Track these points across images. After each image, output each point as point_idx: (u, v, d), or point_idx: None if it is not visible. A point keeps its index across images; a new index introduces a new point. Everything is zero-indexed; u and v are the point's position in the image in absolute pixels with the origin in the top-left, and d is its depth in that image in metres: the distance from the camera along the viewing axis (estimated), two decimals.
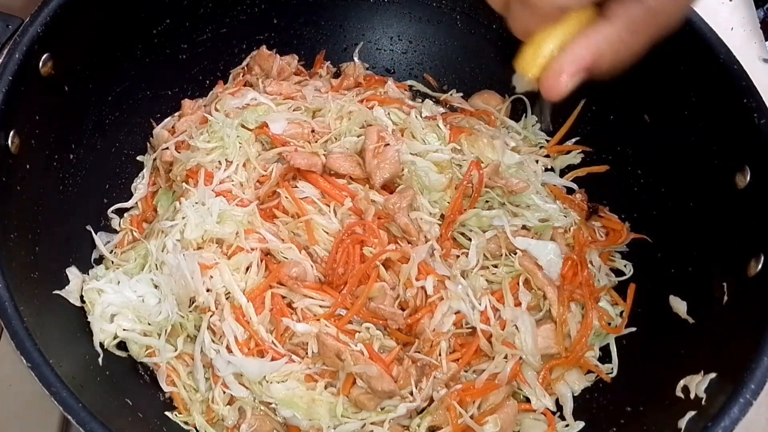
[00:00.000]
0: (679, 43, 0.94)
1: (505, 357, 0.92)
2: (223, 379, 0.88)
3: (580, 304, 0.98)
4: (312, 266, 0.94)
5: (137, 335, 0.91)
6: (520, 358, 0.92)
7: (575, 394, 0.96)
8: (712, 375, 0.79)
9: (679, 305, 0.93)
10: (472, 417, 0.88)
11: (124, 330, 0.91)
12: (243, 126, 1.03)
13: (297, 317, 0.91)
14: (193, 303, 0.92)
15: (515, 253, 0.98)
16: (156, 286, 0.94)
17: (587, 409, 0.95)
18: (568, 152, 1.14)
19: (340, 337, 0.89)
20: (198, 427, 0.90)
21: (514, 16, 0.64)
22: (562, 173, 1.14)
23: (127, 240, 1.02)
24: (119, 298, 0.92)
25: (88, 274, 0.95)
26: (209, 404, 0.89)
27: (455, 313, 0.93)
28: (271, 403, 0.88)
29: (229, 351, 0.88)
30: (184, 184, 1.00)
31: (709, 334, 0.87)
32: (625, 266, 1.05)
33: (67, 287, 0.90)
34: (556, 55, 0.63)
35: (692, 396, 0.80)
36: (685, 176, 0.97)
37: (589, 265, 1.02)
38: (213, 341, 0.89)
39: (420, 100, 1.19)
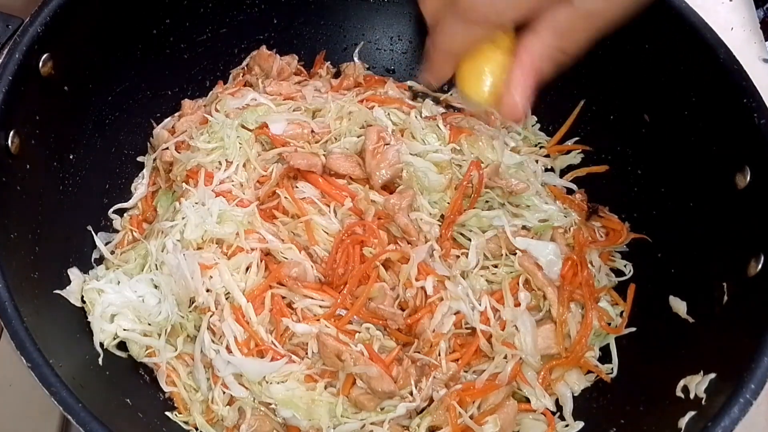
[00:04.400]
0: (679, 43, 0.94)
1: (505, 357, 0.92)
2: (222, 380, 0.88)
3: (580, 304, 0.98)
4: (312, 266, 0.94)
5: (137, 335, 0.91)
6: (520, 358, 0.92)
7: (575, 395, 0.96)
8: (712, 375, 0.79)
9: (679, 305, 0.93)
10: (471, 417, 0.88)
11: (124, 330, 0.91)
12: (243, 126, 1.03)
13: (297, 317, 0.91)
14: (192, 303, 0.92)
15: (515, 254, 0.98)
16: (156, 287, 0.94)
17: (587, 409, 0.95)
18: (568, 152, 1.14)
19: (340, 338, 0.89)
20: (198, 427, 0.90)
21: (443, 31, 0.64)
22: (562, 173, 1.14)
23: (127, 240, 1.02)
24: (119, 298, 0.92)
25: (88, 275, 0.95)
26: (209, 404, 0.89)
27: (455, 314, 0.93)
28: (270, 404, 0.88)
29: (229, 351, 0.88)
30: (184, 184, 1.00)
31: (709, 334, 0.87)
32: (625, 266, 1.05)
33: (68, 287, 0.90)
34: (499, 81, 0.64)
35: (692, 396, 0.80)
36: (685, 176, 0.97)
37: (589, 266, 1.02)
38: (213, 341, 0.89)
39: (420, 100, 1.19)
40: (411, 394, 0.88)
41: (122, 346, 0.93)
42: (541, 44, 0.60)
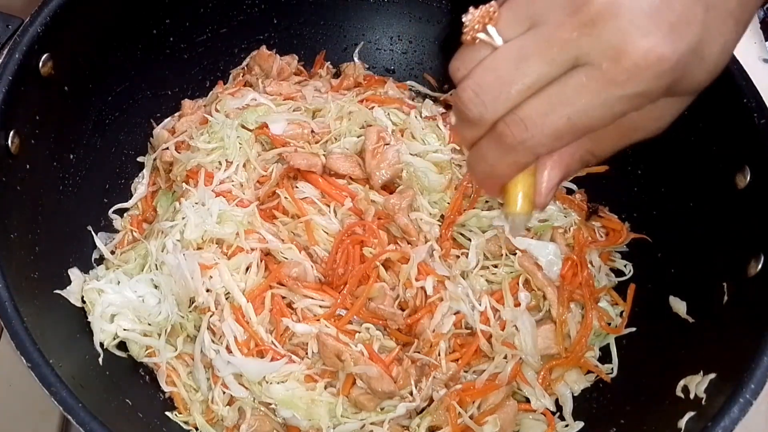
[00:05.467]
0: None
1: (505, 357, 0.92)
2: (222, 380, 0.88)
3: (580, 304, 0.98)
4: (312, 266, 0.94)
5: (137, 335, 0.91)
6: (520, 358, 0.92)
7: (575, 395, 0.96)
8: (712, 375, 0.79)
9: (679, 305, 0.93)
10: (471, 417, 0.88)
11: (124, 330, 0.91)
12: (243, 126, 1.03)
13: (297, 317, 0.91)
14: (192, 303, 0.92)
15: (515, 254, 0.98)
16: (156, 287, 0.94)
17: (587, 409, 0.95)
18: None
19: (340, 338, 0.89)
20: (198, 427, 0.90)
21: (483, 159, 0.57)
22: None
23: (127, 240, 1.02)
24: (119, 298, 0.92)
25: (88, 275, 0.95)
26: (209, 404, 0.89)
27: (455, 314, 0.93)
28: (270, 404, 0.88)
29: (229, 351, 0.87)
30: (184, 184, 1.00)
31: (709, 334, 0.87)
32: (625, 266, 1.05)
33: (68, 287, 0.90)
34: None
35: (692, 396, 0.80)
36: (685, 176, 0.97)
37: (589, 266, 1.02)
38: (213, 341, 0.89)
39: (420, 100, 1.19)
40: (411, 394, 0.88)
41: (122, 346, 0.93)
42: (576, 143, 0.56)
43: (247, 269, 0.93)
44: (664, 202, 1.01)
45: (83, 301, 0.91)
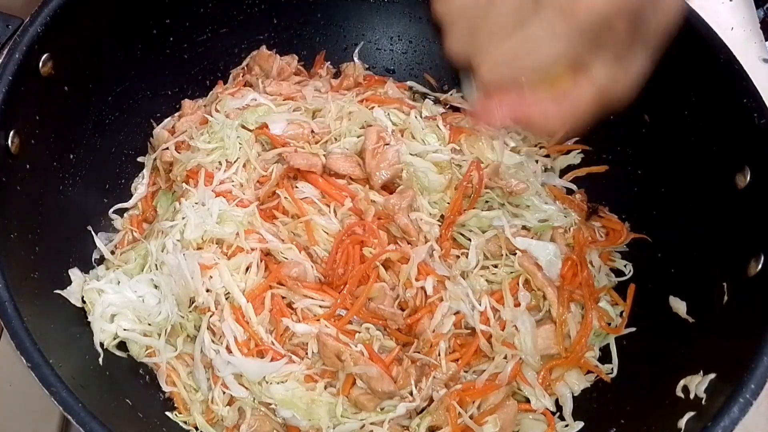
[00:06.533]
0: (679, 43, 0.94)
1: (505, 357, 0.92)
2: (222, 380, 0.88)
3: (580, 304, 0.98)
4: (312, 266, 0.94)
5: (137, 335, 0.91)
6: (520, 358, 0.92)
7: (575, 395, 0.96)
8: (712, 375, 0.79)
9: (679, 305, 0.93)
10: (471, 417, 0.88)
11: (124, 330, 0.91)
12: (243, 127, 1.03)
13: (297, 317, 0.91)
14: (192, 303, 0.92)
15: (515, 254, 0.98)
16: (156, 287, 0.94)
17: (587, 409, 0.95)
18: (568, 152, 1.14)
19: (340, 338, 0.89)
20: (198, 427, 0.90)
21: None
22: (562, 173, 1.14)
23: (127, 240, 1.02)
24: (119, 299, 0.92)
25: (88, 275, 0.95)
26: (209, 404, 0.89)
27: (455, 314, 0.93)
28: (270, 404, 0.88)
29: (229, 351, 0.88)
30: (184, 184, 1.00)
31: (709, 334, 0.87)
32: (625, 266, 1.05)
33: (68, 287, 0.90)
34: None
35: (692, 396, 0.80)
36: (685, 176, 0.97)
37: (589, 266, 1.02)
38: (213, 341, 0.89)
39: (420, 100, 1.19)
40: (411, 394, 0.88)
41: (122, 346, 0.93)
42: (554, 107, 0.60)
43: (247, 269, 0.93)
44: (664, 202, 1.01)
45: (83, 301, 0.91)
